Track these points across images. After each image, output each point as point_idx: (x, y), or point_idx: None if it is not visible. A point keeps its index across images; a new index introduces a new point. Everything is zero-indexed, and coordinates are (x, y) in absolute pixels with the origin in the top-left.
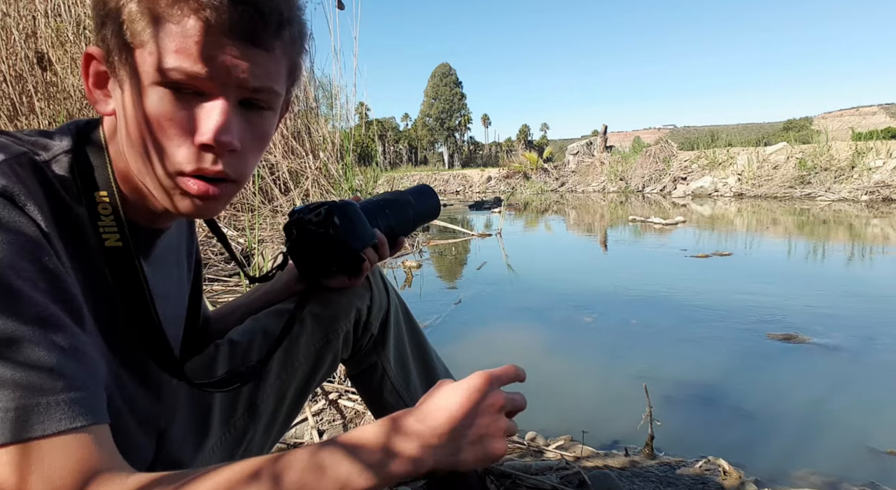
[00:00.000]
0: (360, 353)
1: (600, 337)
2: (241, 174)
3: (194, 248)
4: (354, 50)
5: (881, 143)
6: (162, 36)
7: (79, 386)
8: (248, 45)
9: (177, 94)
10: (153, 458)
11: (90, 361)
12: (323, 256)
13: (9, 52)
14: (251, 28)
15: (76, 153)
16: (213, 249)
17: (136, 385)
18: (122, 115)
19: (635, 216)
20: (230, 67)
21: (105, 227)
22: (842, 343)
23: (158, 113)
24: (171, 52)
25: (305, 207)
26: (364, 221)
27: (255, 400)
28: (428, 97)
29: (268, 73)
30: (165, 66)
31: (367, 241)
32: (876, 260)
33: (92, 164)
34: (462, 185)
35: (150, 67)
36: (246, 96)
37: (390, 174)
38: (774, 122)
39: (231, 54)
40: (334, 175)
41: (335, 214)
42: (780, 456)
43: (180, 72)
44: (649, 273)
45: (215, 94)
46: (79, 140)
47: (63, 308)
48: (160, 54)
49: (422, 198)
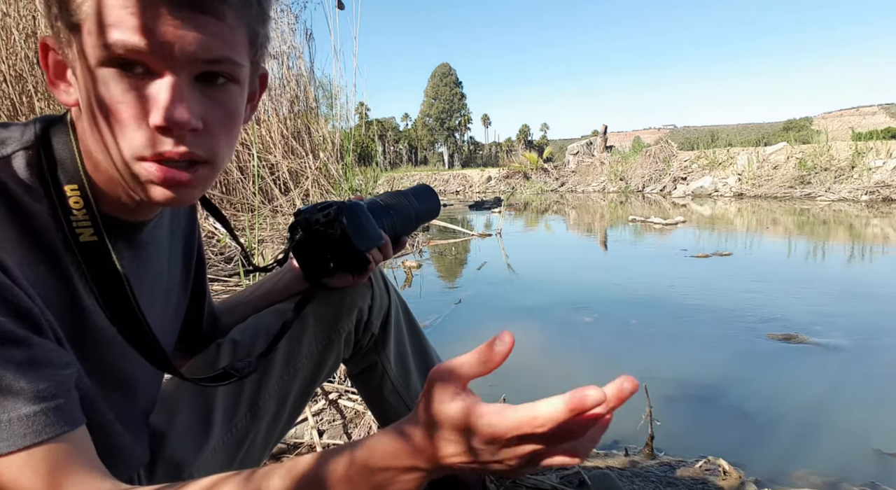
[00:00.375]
0: (360, 353)
1: (600, 337)
2: (213, 154)
3: (195, 241)
4: (354, 50)
5: (881, 143)
6: (100, 9)
7: (42, 397)
8: (192, 13)
9: (125, 74)
10: (153, 459)
11: (53, 370)
12: (330, 257)
13: (9, 52)
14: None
15: (40, 148)
16: (213, 249)
17: (117, 386)
18: (81, 103)
19: (635, 216)
20: (174, 39)
21: (77, 221)
22: (842, 343)
23: (108, 95)
24: (109, 27)
25: (312, 207)
26: (372, 223)
27: (258, 400)
28: (428, 97)
29: (222, 43)
30: (106, 43)
31: (375, 242)
32: (876, 260)
33: (56, 158)
34: (462, 185)
35: (92, 46)
36: (201, 70)
37: (390, 174)
38: (774, 122)
39: (172, 25)
40: (334, 175)
41: (343, 215)
42: (780, 456)
43: (120, 47)
44: (649, 273)
45: (164, 71)
46: (44, 134)
47: (16, 322)
48: (99, 30)
49: (422, 198)
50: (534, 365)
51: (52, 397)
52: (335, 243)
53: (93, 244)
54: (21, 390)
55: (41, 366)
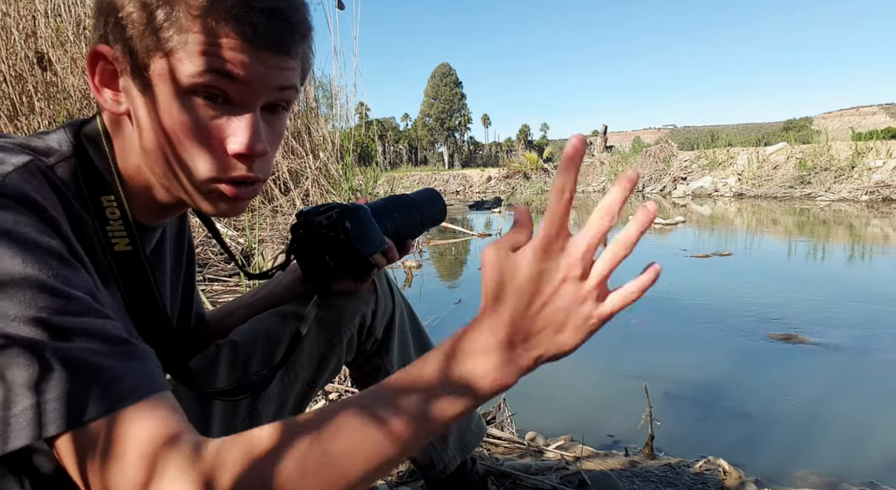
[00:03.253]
0: (363, 357)
1: (600, 337)
2: (266, 173)
3: (186, 241)
4: (354, 50)
5: (881, 143)
6: (195, 45)
7: (141, 356)
8: (278, 55)
9: (208, 103)
10: None
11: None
12: (332, 260)
13: (9, 52)
14: (282, 39)
15: (79, 157)
16: (213, 249)
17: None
18: (144, 119)
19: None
20: (260, 77)
21: (114, 231)
22: (841, 343)
23: (189, 121)
24: (205, 62)
25: (315, 209)
26: (375, 226)
27: (257, 404)
28: (428, 97)
29: (291, 77)
30: (199, 76)
31: (378, 246)
32: (876, 260)
33: (94, 167)
34: (462, 185)
35: (182, 75)
36: (271, 102)
37: (390, 174)
38: (774, 122)
39: (265, 65)
40: (334, 175)
41: (347, 218)
42: (780, 456)
43: (215, 81)
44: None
45: (246, 103)
46: (78, 143)
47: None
48: (193, 63)
49: (429, 201)
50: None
51: (149, 356)
52: (337, 247)
53: (127, 253)
54: (128, 348)
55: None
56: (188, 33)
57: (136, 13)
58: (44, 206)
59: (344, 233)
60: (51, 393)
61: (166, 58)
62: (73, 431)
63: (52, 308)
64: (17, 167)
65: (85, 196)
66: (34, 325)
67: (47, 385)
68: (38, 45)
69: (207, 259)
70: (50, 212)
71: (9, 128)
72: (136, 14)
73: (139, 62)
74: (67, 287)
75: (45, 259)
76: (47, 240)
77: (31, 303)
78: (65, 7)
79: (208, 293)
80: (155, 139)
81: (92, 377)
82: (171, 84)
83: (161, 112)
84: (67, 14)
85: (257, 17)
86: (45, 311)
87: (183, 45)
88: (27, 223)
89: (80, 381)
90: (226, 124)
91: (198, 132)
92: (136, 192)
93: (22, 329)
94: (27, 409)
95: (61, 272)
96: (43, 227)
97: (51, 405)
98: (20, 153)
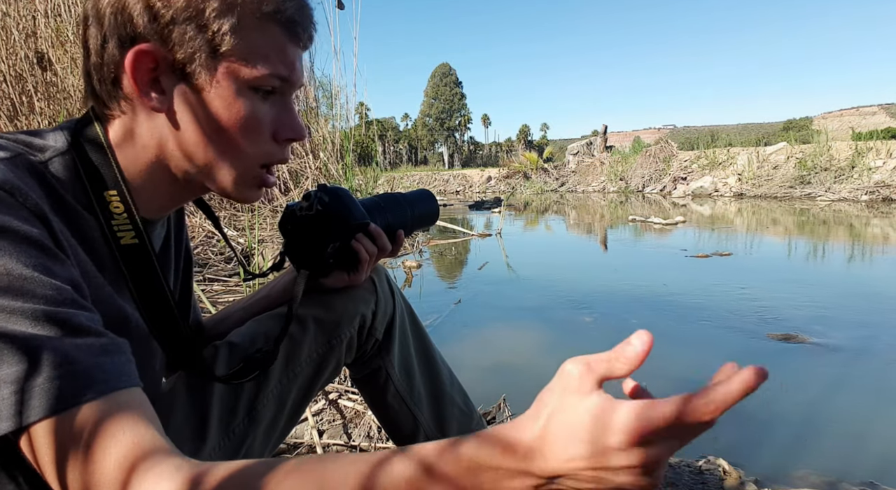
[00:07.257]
0: (363, 358)
1: (600, 337)
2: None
3: (184, 238)
4: (354, 50)
5: (881, 143)
6: (255, 47)
7: (114, 350)
8: (304, 51)
9: (265, 97)
10: None
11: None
12: (316, 238)
13: (9, 52)
14: (312, 39)
15: (78, 153)
16: (213, 249)
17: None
18: (191, 116)
19: (635, 216)
20: (301, 73)
21: (119, 225)
22: (842, 343)
23: (249, 115)
24: (266, 62)
25: (298, 202)
26: (355, 202)
27: (256, 404)
28: (428, 97)
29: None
30: (264, 78)
31: (359, 218)
32: (876, 260)
33: (93, 163)
34: (462, 185)
35: (247, 76)
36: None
37: (390, 174)
38: (774, 122)
39: (299, 61)
40: (334, 175)
41: (323, 193)
42: (780, 456)
43: (275, 78)
44: (649, 273)
45: (288, 94)
46: (76, 140)
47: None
48: (257, 66)
49: (420, 201)
50: (534, 365)
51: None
52: (318, 220)
53: (133, 246)
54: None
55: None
56: (249, 36)
57: (194, 16)
58: (27, 195)
59: (322, 205)
60: (13, 385)
61: (226, 60)
62: (32, 426)
63: (25, 295)
64: (3, 159)
65: (87, 191)
66: (3, 312)
67: (9, 375)
68: (38, 45)
69: (207, 259)
70: (33, 200)
71: (9, 128)
72: (195, 18)
73: (197, 64)
74: (47, 276)
75: (22, 247)
76: (28, 228)
77: (2, 290)
78: (65, 7)
79: (208, 293)
80: (202, 134)
81: (59, 368)
82: (235, 83)
83: (219, 108)
84: (67, 14)
85: (305, 22)
86: (18, 299)
87: (242, 47)
88: (7, 211)
89: (45, 373)
90: (277, 115)
91: (256, 124)
92: (139, 188)
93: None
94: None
95: (40, 261)
96: (26, 215)
97: (10, 398)
98: (10, 148)
